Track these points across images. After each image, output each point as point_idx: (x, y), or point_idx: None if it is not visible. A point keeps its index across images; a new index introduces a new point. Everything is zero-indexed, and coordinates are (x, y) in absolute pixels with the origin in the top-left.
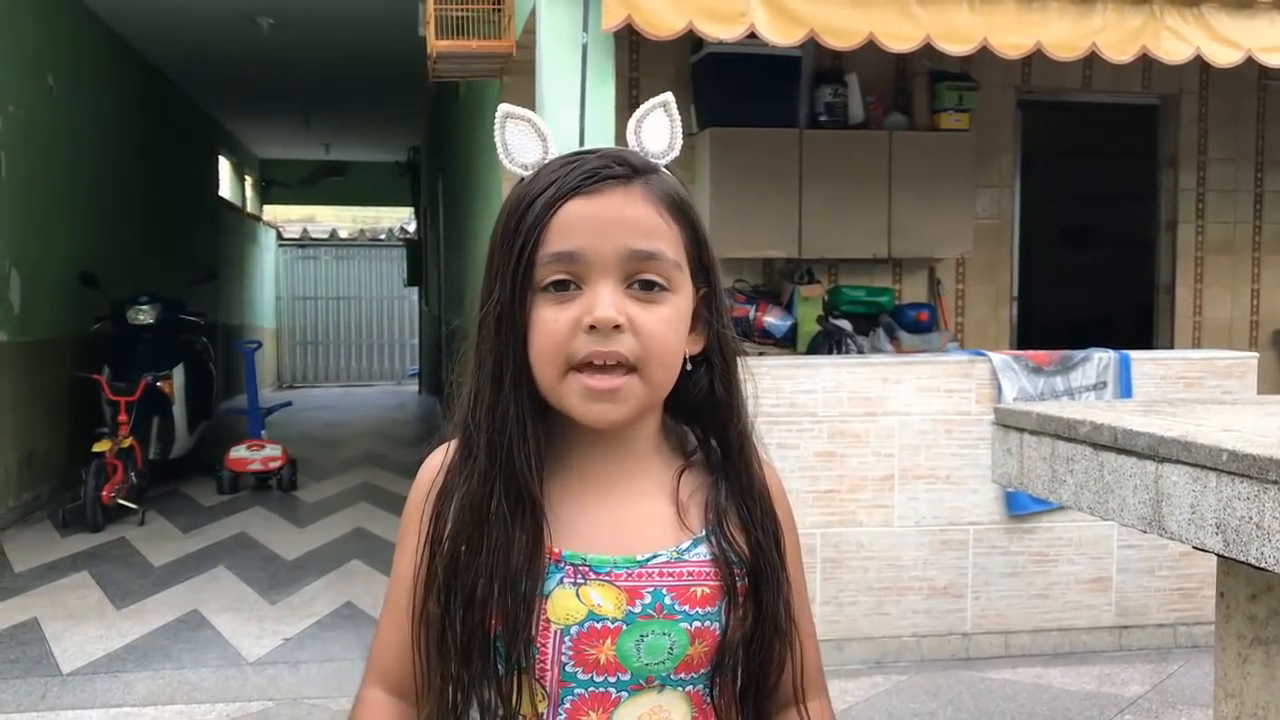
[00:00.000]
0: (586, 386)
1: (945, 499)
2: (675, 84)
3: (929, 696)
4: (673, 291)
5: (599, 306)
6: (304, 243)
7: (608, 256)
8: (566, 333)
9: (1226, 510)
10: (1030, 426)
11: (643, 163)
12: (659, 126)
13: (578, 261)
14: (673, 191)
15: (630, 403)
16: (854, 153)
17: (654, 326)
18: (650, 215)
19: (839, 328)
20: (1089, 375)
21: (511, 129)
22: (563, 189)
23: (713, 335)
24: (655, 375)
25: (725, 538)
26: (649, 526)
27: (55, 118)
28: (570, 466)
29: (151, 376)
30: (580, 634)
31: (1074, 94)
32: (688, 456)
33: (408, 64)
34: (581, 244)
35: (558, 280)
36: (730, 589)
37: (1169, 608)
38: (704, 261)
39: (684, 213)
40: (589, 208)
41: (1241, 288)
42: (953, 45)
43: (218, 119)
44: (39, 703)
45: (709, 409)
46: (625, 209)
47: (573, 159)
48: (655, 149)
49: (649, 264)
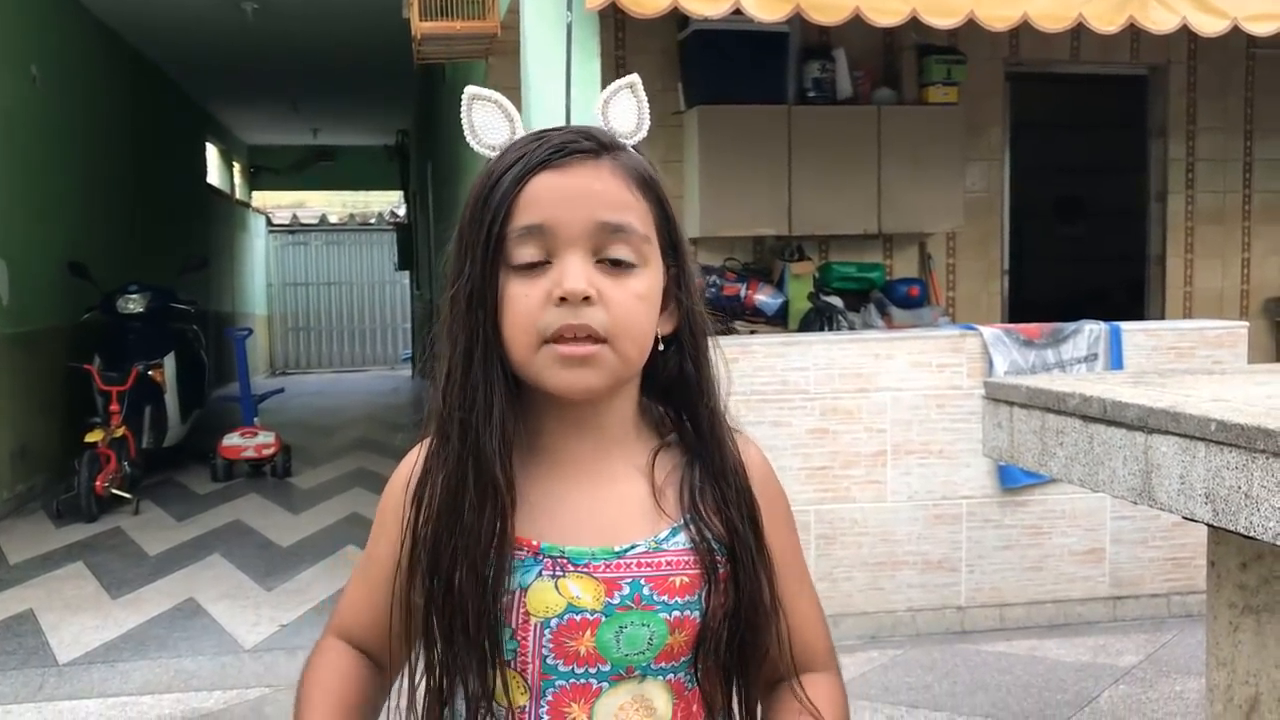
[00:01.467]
0: (559, 354)
1: (938, 473)
2: (662, 62)
3: (924, 670)
4: (642, 266)
5: (568, 278)
6: (294, 228)
7: (576, 229)
8: (538, 306)
9: (1215, 480)
10: (1020, 400)
11: (610, 139)
12: (626, 107)
13: (546, 234)
14: (640, 168)
15: (603, 370)
16: (843, 128)
17: (624, 299)
18: (618, 188)
19: (830, 304)
20: (1080, 347)
21: (479, 110)
22: (530, 163)
23: (684, 314)
24: (625, 348)
25: (703, 522)
26: (626, 513)
27: (40, 108)
28: (544, 451)
29: (143, 365)
30: (560, 626)
31: (1063, 65)
32: (663, 437)
33: (394, 47)
34: (550, 216)
35: (526, 262)
36: (711, 576)
37: (1163, 578)
38: (673, 240)
39: (652, 189)
40: (556, 180)
41: (1232, 257)
42: (939, 19)
43: (205, 106)
44: (36, 693)
45: (681, 388)
46: (593, 182)
47: (539, 135)
48: (623, 129)
49: (618, 237)
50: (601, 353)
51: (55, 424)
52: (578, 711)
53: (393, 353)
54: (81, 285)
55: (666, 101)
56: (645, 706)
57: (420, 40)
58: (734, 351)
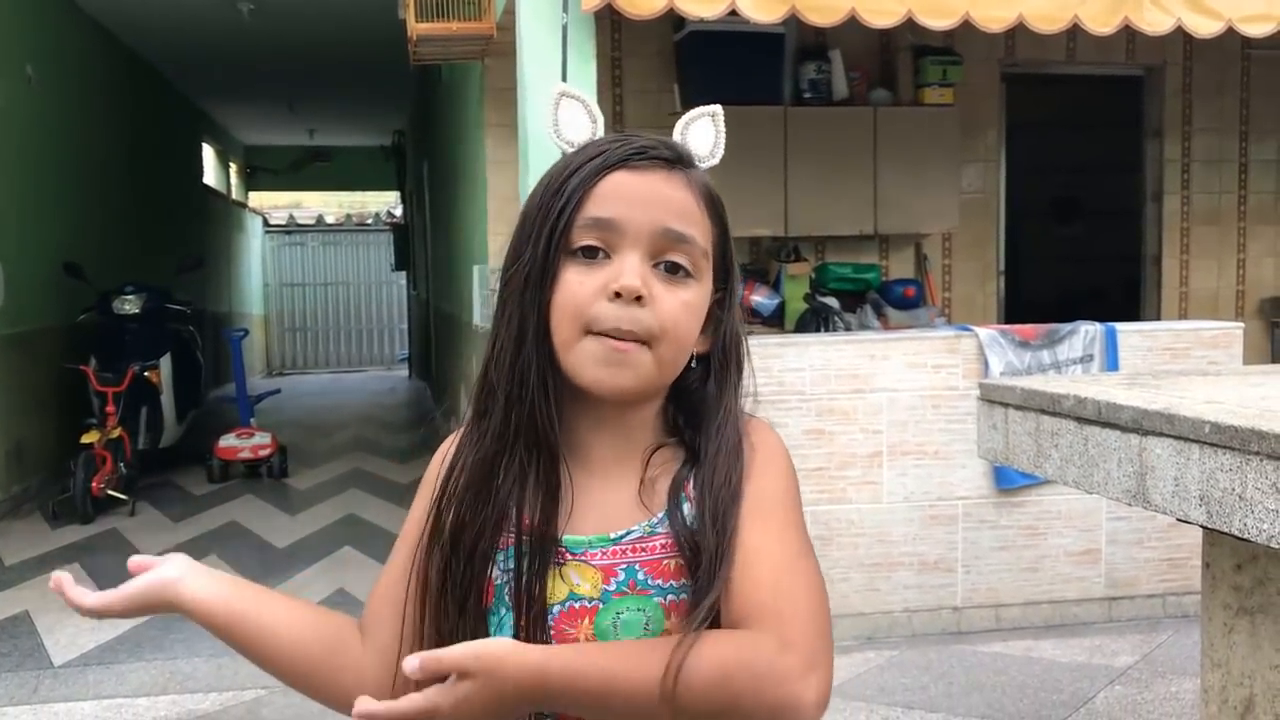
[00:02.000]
0: (602, 346)
1: (934, 474)
2: (658, 63)
3: (920, 671)
4: (696, 279)
5: (625, 274)
6: (290, 229)
7: (642, 229)
8: (590, 296)
9: (1210, 482)
10: (1015, 401)
11: (687, 154)
12: (705, 132)
13: (612, 229)
14: (710, 187)
15: (639, 371)
16: (839, 129)
17: (673, 305)
18: (688, 200)
19: (826, 305)
20: (1076, 348)
21: (565, 107)
22: (610, 159)
23: (721, 337)
24: (664, 353)
25: (680, 511)
26: (621, 505)
27: (36, 108)
28: (566, 448)
29: (139, 366)
30: (561, 614)
31: (1058, 66)
32: (668, 438)
33: (390, 47)
34: (620, 213)
35: (588, 246)
36: (691, 563)
37: (1158, 578)
38: (726, 264)
39: (717, 210)
40: (632, 180)
41: (1228, 258)
42: (935, 20)
43: (201, 106)
44: (31, 695)
45: (699, 405)
46: (665, 188)
47: (623, 136)
48: (699, 152)
49: (679, 246)
50: (641, 354)
51: (51, 425)
52: None
53: (389, 353)
54: (77, 286)
55: (662, 103)
56: None
57: (416, 41)
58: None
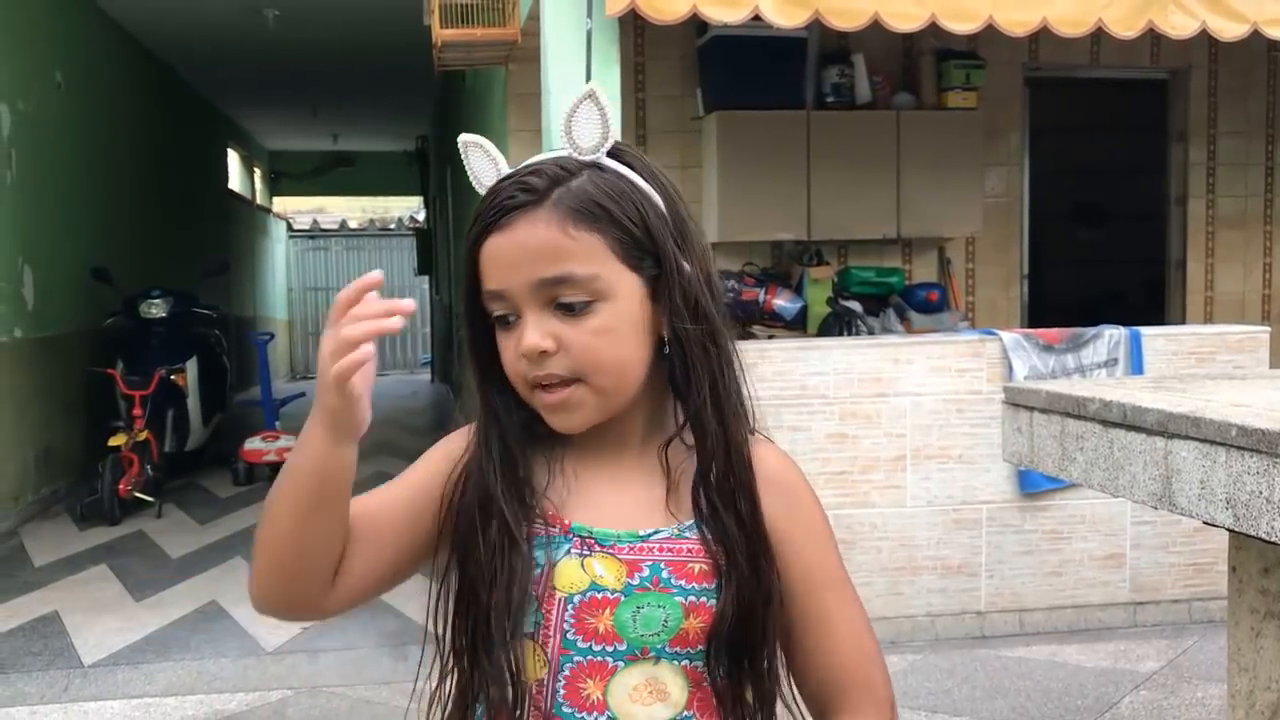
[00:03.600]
0: (542, 401)
1: (958, 478)
2: (681, 68)
3: (944, 675)
4: (601, 300)
5: (524, 339)
6: (314, 234)
7: (523, 289)
8: (515, 359)
9: (1236, 485)
10: (1040, 405)
11: (551, 177)
12: (588, 119)
13: (505, 298)
14: (585, 199)
15: (584, 409)
16: (862, 133)
17: (583, 340)
18: (552, 239)
19: (849, 309)
20: (1100, 352)
21: (472, 155)
22: (481, 226)
23: (673, 310)
24: (600, 382)
25: (708, 522)
26: (647, 505)
27: (64, 114)
28: (572, 444)
29: (165, 370)
30: (582, 603)
31: (1082, 70)
32: (677, 431)
33: (414, 53)
34: (502, 282)
35: (499, 315)
36: (720, 572)
37: (1184, 583)
38: (652, 238)
39: (598, 213)
40: (500, 244)
41: (1253, 261)
42: (958, 24)
43: (226, 112)
44: (62, 694)
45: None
46: (528, 240)
47: (492, 189)
48: (587, 144)
49: (562, 287)
50: (576, 393)
51: (78, 428)
52: (593, 688)
53: (412, 356)
54: (104, 290)
55: (685, 107)
56: (659, 690)
57: (441, 47)
58: (752, 356)
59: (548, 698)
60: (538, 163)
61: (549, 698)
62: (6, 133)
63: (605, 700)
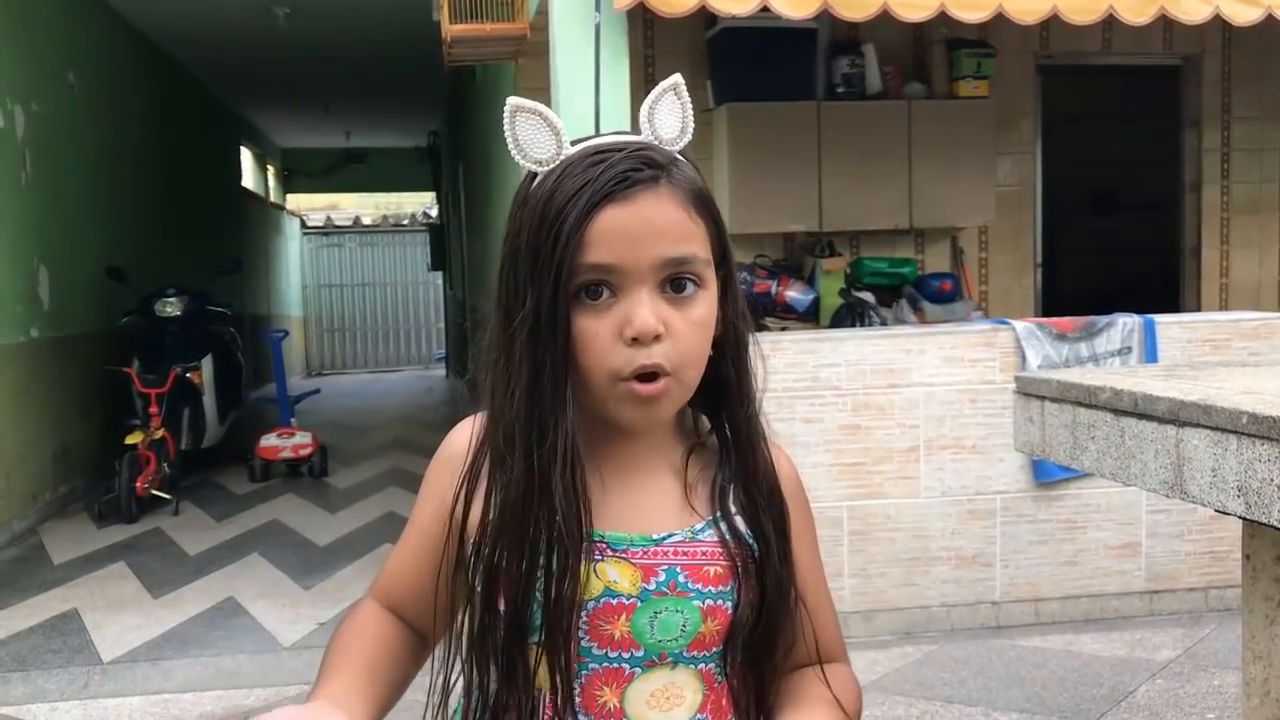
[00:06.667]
0: (636, 393)
1: (971, 468)
2: (690, 61)
3: (959, 665)
4: (703, 288)
5: (638, 318)
6: (328, 230)
7: (644, 266)
8: (610, 344)
9: (1248, 473)
10: (1051, 394)
11: (665, 156)
12: (671, 110)
13: (615, 272)
14: (696, 186)
15: (669, 404)
16: (873, 123)
17: (688, 331)
18: (681, 219)
19: (862, 300)
20: (1114, 341)
21: (522, 123)
22: (595, 195)
23: (728, 320)
24: (689, 377)
25: (730, 522)
26: (662, 507)
27: (78, 115)
28: (586, 445)
29: (181, 368)
30: (596, 609)
31: (1094, 57)
32: (699, 436)
33: (424, 48)
34: (620, 256)
35: (591, 286)
36: (738, 572)
37: (1199, 571)
38: (723, 248)
39: (707, 205)
40: (623, 217)
41: (1269, 247)
42: (968, 12)
43: (238, 110)
44: (81, 691)
45: (721, 392)
46: (657, 216)
47: (599, 157)
48: (668, 135)
49: (683, 268)
50: (669, 386)
51: (95, 426)
52: (609, 695)
53: (427, 353)
54: (119, 289)
55: (695, 99)
56: (675, 695)
57: (450, 43)
58: (765, 348)
59: (563, 706)
60: (639, 142)
61: (564, 706)
62: (21, 134)
63: (623, 707)
